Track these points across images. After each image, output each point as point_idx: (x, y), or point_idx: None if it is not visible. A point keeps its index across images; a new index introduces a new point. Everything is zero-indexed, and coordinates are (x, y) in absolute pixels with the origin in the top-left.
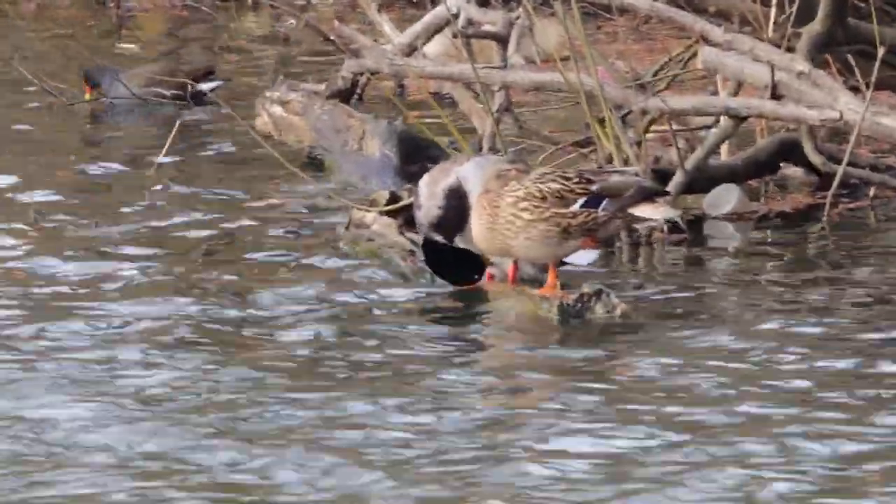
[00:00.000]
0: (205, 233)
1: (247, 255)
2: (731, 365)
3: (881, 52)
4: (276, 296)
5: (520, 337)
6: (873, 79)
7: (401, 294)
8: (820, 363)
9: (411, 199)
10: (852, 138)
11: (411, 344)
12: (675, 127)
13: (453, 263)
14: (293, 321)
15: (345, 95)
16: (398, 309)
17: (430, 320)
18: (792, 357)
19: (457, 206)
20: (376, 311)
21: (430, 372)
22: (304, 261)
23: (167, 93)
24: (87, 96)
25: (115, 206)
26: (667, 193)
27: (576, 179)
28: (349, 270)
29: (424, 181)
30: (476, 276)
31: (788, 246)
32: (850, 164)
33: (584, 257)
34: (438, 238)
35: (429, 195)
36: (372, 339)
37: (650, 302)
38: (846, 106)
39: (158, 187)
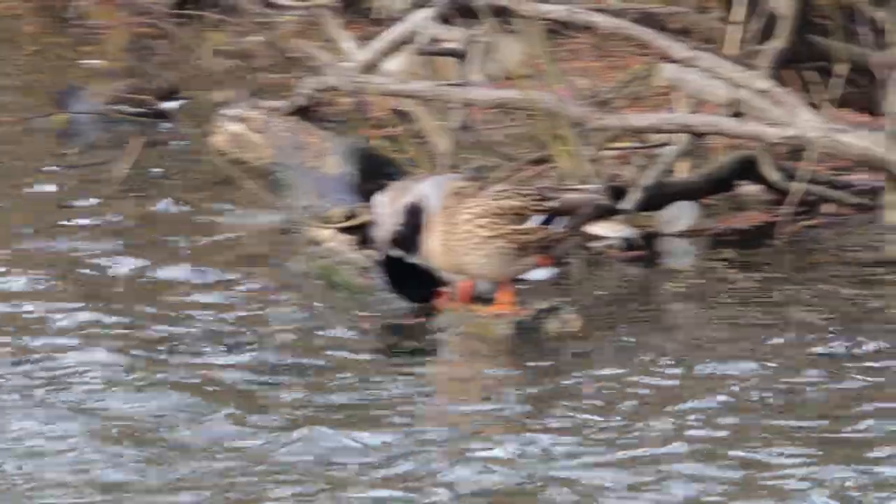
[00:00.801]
0: (161, 248)
1: (187, 272)
2: (683, 380)
3: (842, 69)
4: (229, 312)
5: (474, 353)
6: (834, 96)
7: (355, 310)
8: (772, 377)
9: (369, 216)
10: (811, 155)
11: (365, 359)
12: (633, 144)
13: (411, 280)
14: (247, 339)
15: (305, 112)
16: (353, 326)
17: (385, 336)
18: (744, 371)
19: (415, 224)
20: (330, 328)
21: (382, 388)
22: (260, 277)
23: (131, 110)
24: (55, 115)
25: (73, 221)
26: (623, 211)
27: (533, 196)
28: (304, 286)
29: (383, 198)
30: (433, 294)
31: (743, 263)
32: (807, 181)
33: (539, 274)
34: (397, 254)
35: (388, 212)
36: (325, 355)
37: (604, 317)
38: (806, 123)
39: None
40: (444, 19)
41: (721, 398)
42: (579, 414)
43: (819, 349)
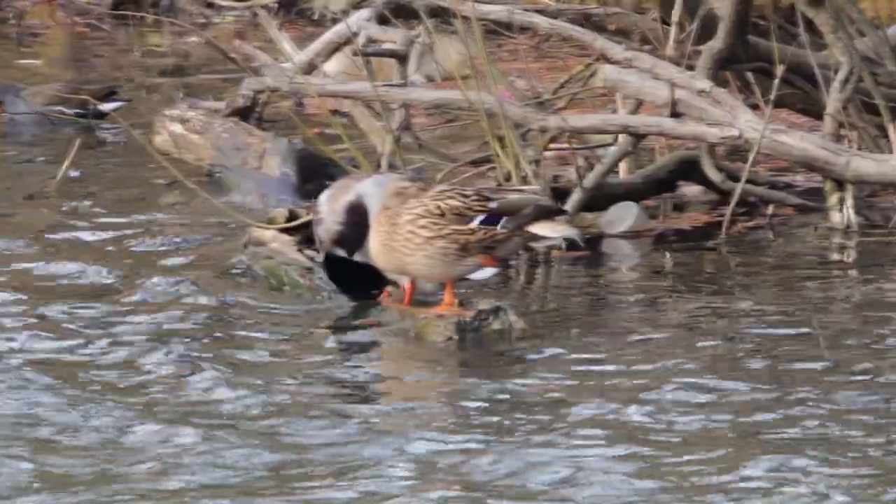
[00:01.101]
0: (105, 248)
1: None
2: (624, 381)
3: (780, 70)
4: (169, 313)
5: (416, 355)
6: (772, 97)
7: (298, 311)
8: (713, 378)
9: (310, 216)
10: (751, 156)
11: (306, 361)
12: (574, 145)
13: (354, 279)
14: (185, 337)
15: (244, 113)
16: (295, 326)
17: (327, 338)
18: (686, 374)
19: (356, 223)
20: (272, 328)
21: (325, 390)
22: (201, 278)
23: (69, 111)
24: None
25: (11, 221)
26: (565, 212)
27: (475, 197)
28: (246, 287)
29: (324, 197)
30: (376, 293)
31: (685, 264)
32: (748, 181)
33: (482, 275)
34: (340, 252)
35: (329, 211)
36: (269, 356)
37: (547, 319)
38: (746, 124)
39: (68, 205)
40: (383, 20)
41: (668, 396)
42: (528, 415)
43: (755, 351)
